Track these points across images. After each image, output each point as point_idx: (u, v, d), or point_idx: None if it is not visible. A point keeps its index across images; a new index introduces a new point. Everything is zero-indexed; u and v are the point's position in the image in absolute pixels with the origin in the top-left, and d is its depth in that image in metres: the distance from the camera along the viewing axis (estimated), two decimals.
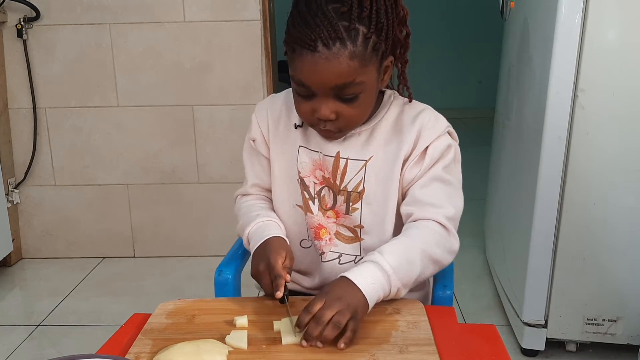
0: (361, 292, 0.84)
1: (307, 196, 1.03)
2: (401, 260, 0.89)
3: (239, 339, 0.82)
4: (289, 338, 0.82)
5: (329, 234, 1.03)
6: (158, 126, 2.45)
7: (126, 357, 0.80)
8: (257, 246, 0.98)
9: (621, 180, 1.59)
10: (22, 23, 2.32)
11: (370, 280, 0.86)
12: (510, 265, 1.95)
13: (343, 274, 0.87)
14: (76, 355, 0.71)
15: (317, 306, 0.82)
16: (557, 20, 1.54)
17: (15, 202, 2.51)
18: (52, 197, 2.53)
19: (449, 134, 0.99)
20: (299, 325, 0.82)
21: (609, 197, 1.61)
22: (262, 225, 1.02)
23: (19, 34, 2.33)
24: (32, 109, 2.42)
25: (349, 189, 1.00)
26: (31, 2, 2.30)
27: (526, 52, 1.86)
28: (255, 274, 0.95)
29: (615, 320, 1.69)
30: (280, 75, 2.72)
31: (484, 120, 3.64)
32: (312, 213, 1.03)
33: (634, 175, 1.59)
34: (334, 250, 1.04)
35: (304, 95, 0.91)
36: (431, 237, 0.93)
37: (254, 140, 1.07)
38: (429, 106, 1.02)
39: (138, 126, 2.45)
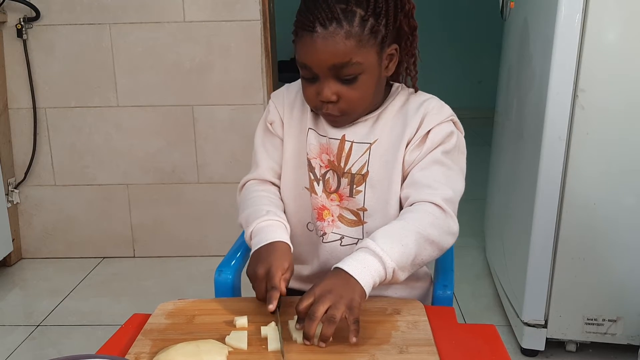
0: (354, 279, 0.83)
1: (312, 177, 1.05)
2: (393, 241, 0.87)
3: (239, 339, 0.82)
4: (274, 344, 0.80)
5: (332, 215, 1.04)
6: (158, 126, 2.45)
7: (126, 357, 0.80)
8: (260, 246, 0.95)
9: (621, 180, 1.59)
10: (22, 23, 2.32)
11: (362, 264, 0.84)
12: (510, 265, 1.95)
13: (336, 265, 0.86)
14: (76, 355, 0.71)
15: (306, 302, 0.81)
16: (557, 20, 1.54)
17: (15, 202, 2.51)
18: (52, 197, 2.53)
19: (453, 123, 1.00)
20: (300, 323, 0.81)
21: (609, 197, 1.61)
22: (271, 224, 0.99)
23: (19, 34, 2.33)
24: (32, 109, 2.42)
25: (353, 171, 1.01)
26: (31, 2, 2.30)
27: (526, 52, 1.86)
28: (252, 276, 0.92)
29: (615, 320, 1.69)
30: (280, 76, 2.71)
31: (484, 120, 3.63)
32: (317, 194, 1.04)
33: (634, 175, 1.59)
34: (336, 232, 1.04)
35: (308, 78, 0.95)
36: (426, 218, 0.92)
37: (271, 123, 1.09)
38: (435, 96, 1.04)
39: (138, 126, 2.45)
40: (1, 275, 2.44)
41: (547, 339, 1.75)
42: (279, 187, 1.10)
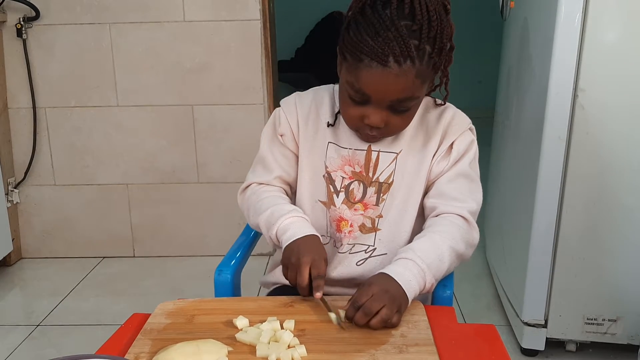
0: (402, 288, 0.87)
1: (332, 190, 1.05)
2: (433, 257, 0.92)
3: (251, 335, 0.82)
4: (263, 351, 0.79)
5: (349, 226, 1.05)
6: (158, 126, 2.45)
7: (126, 357, 0.80)
8: (296, 238, 0.96)
9: (621, 180, 1.59)
10: (22, 23, 2.32)
11: (409, 277, 0.89)
12: (510, 265, 1.95)
13: (382, 271, 0.90)
14: (76, 355, 0.71)
15: (364, 298, 0.84)
16: (557, 20, 1.54)
17: (15, 202, 2.51)
18: (52, 197, 2.53)
19: (469, 130, 1.04)
20: (348, 318, 0.84)
21: (609, 197, 1.61)
22: (302, 220, 1.00)
23: (19, 33, 2.33)
24: (32, 109, 2.42)
25: (381, 179, 1.03)
26: (31, 1, 2.29)
27: (526, 52, 1.86)
28: (295, 264, 0.92)
29: (615, 320, 1.69)
30: (280, 76, 2.72)
31: (484, 120, 3.63)
32: (335, 206, 1.05)
33: (634, 175, 1.59)
34: (351, 242, 1.05)
35: (357, 101, 0.94)
36: (457, 232, 0.97)
37: (282, 135, 1.08)
38: (451, 104, 1.06)
39: (138, 126, 2.45)
40: (1, 275, 2.44)
41: (547, 338, 1.75)
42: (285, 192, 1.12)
